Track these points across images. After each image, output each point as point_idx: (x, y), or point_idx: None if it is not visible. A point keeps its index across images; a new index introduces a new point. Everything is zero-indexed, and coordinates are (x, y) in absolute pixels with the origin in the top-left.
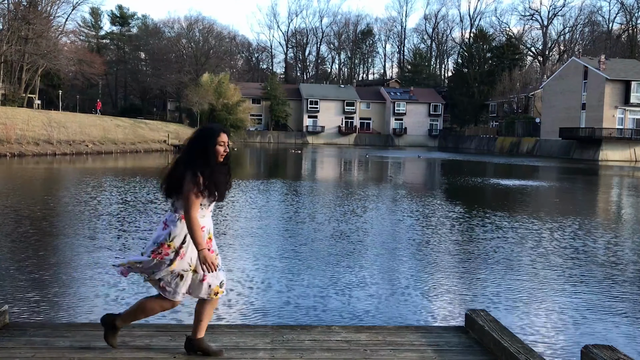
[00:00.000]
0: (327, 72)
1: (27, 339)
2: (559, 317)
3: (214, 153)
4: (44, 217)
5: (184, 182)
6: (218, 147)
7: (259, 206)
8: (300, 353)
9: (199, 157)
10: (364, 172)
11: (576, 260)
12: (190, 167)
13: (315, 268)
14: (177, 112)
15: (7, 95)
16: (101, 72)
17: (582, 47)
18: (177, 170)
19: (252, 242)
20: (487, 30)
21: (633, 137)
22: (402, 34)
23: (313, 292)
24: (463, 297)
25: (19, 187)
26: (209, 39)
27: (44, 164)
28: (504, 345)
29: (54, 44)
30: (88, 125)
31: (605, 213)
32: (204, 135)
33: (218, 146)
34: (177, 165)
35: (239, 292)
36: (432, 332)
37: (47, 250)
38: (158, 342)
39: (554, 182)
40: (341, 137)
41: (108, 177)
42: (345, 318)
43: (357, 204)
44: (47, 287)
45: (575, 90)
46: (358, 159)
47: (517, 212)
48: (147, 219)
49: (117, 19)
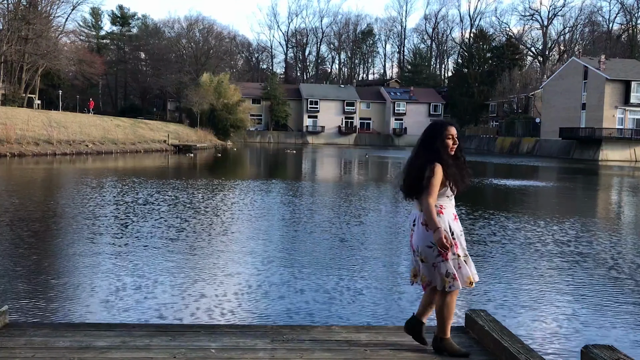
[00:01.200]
0: (327, 72)
1: (26, 339)
2: (559, 317)
3: (444, 146)
4: (44, 217)
5: (424, 176)
6: (447, 140)
7: (254, 207)
8: (300, 353)
9: (432, 151)
10: (363, 172)
11: (577, 260)
12: (427, 160)
13: (316, 268)
14: (177, 112)
15: (7, 95)
16: (101, 72)
17: (582, 47)
18: (413, 169)
19: (244, 242)
20: (487, 30)
21: (633, 137)
22: (402, 34)
23: (316, 293)
24: (463, 297)
25: (19, 187)
26: (209, 39)
27: (44, 164)
28: (504, 346)
29: (54, 44)
30: (88, 125)
31: (607, 213)
32: (434, 130)
33: (447, 140)
34: (413, 163)
35: (239, 292)
36: (432, 332)
37: (47, 250)
38: (158, 342)
39: (555, 182)
40: (341, 137)
41: (108, 178)
42: (344, 319)
43: (356, 205)
44: (47, 287)
45: (575, 90)
46: (357, 159)
47: (518, 212)
48: (148, 219)
49: (118, 19)
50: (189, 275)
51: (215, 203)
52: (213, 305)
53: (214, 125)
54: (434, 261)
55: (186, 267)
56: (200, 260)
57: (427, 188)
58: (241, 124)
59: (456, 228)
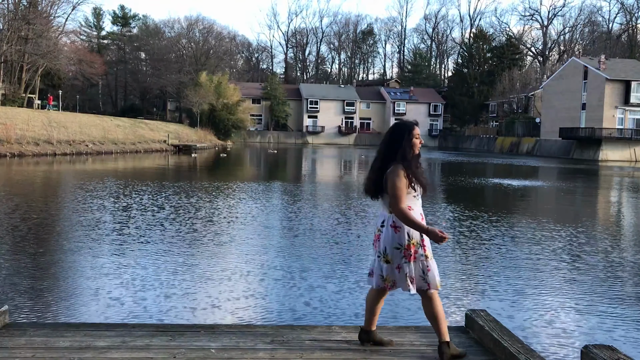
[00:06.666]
0: (327, 72)
1: (27, 339)
2: (559, 317)
3: (411, 146)
4: (44, 217)
5: (387, 178)
6: (414, 140)
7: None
8: (300, 353)
9: (397, 152)
10: (363, 172)
11: (577, 260)
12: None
13: (313, 269)
14: (177, 112)
15: (7, 95)
16: (101, 72)
17: (582, 47)
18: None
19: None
20: (487, 30)
21: (633, 137)
22: (402, 34)
23: (318, 293)
24: (464, 297)
25: (19, 187)
26: (209, 39)
27: (44, 164)
28: (504, 345)
29: (54, 44)
30: (88, 125)
31: (609, 214)
32: (401, 130)
33: (414, 139)
34: (376, 164)
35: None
36: (432, 332)
37: (47, 250)
38: (158, 342)
39: (555, 183)
40: (341, 137)
41: (108, 178)
42: (344, 318)
43: (356, 206)
44: (47, 287)
45: (575, 90)
46: (356, 159)
47: (518, 212)
48: (148, 219)
49: (119, 19)
50: (192, 274)
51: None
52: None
53: (214, 125)
54: (399, 262)
55: (186, 268)
56: (208, 258)
57: (395, 195)
58: (241, 124)
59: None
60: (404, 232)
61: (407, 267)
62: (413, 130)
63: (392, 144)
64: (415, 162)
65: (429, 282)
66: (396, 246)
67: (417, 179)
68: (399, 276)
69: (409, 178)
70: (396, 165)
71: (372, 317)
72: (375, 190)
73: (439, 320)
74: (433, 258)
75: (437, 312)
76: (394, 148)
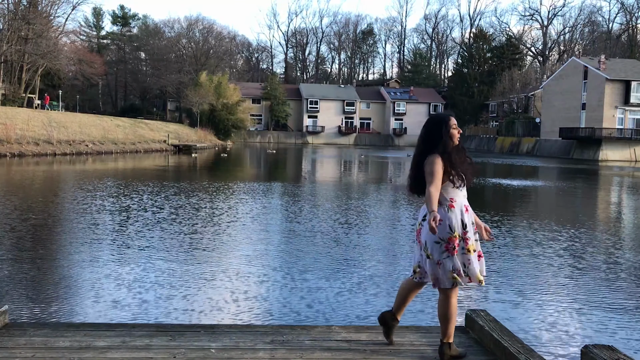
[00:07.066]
0: (327, 72)
1: (27, 339)
2: (559, 317)
3: (450, 137)
4: (44, 217)
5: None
6: (452, 130)
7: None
8: (300, 353)
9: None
10: (363, 173)
11: (577, 260)
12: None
13: (314, 270)
14: (177, 112)
15: (7, 95)
16: (101, 72)
17: (582, 47)
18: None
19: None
20: (487, 30)
21: (633, 137)
22: (402, 34)
23: (318, 293)
24: (464, 298)
25: (19, 187)
26: (209, 39)
27: (44, 164)
28: (504, 345)
29: (54, 44)
30: (88, 125)
31: (609, 214)
32: (438, 122)
33: (452, 130)
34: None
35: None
36: (432, 332)
37: (48, 250)
38: (158, 342)
39: (555, 183)
40: (341, 137)
41: (108, 178)
42: (346, 317)
43: (358, 207)
44: (47, 287)
45: (575, 90)
46: (355, 159)
47: (518, 213)
48: (147, 219)
49: (119, 19)
50: (192, 274)
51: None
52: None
53: (214, 125)
54: (439, 258)
55: (186, 268)
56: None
57: (429, 178)
58: (241, 124)
59: (468, 221)
60: (445, 225)
61: (449, 262)
62: (449, 121)
63: (430, 138)
64: (457, 154)
65: (470, 275)
66: (436, 240)
67: (456, 171)
68: (441, 272)
69: (448, 170)
70: (432, 154)
71: (402, 305)
72: (417, 187)
73: (449, 321)
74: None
75: (451, 312)
76: (433, 142)
